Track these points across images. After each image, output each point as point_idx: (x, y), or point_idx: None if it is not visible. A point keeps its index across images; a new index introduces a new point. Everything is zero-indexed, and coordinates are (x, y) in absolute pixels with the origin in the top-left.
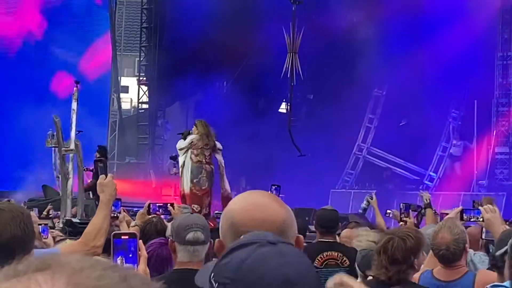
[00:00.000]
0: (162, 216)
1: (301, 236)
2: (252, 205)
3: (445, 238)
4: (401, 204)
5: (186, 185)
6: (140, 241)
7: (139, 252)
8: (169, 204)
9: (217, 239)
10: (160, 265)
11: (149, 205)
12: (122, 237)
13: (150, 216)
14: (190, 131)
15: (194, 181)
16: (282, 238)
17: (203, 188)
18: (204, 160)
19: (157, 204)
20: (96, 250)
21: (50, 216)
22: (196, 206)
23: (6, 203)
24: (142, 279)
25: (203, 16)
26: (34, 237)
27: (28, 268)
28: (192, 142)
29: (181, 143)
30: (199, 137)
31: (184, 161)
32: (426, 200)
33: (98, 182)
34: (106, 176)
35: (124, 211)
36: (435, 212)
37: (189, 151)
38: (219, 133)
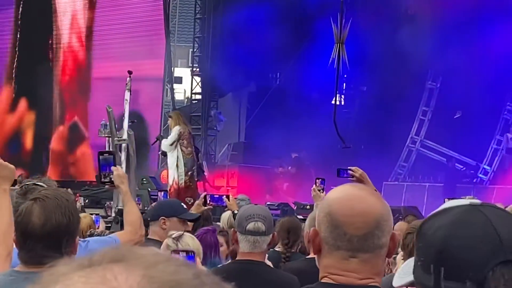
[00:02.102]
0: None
1: (397, 233)
2: (351, 196)
3: None
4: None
5: (181, 178)
6: (198, 258)
7: None
8: (224, 196)
9: (312, 228)
10: (204, 251)
11: (205, 196)
12: (180, 253)
13: (205, 208)
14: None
15: (189, 173)
16: (378, 231)
17: (196, 179)
18: (194, 151)
19: (213, 196)
20: (142, 239)
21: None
22: (188, 198)
23: (50, 190)
24: (214, 278)
25: (254, 7)
26: (79, 223)
27: (103, 258)
28: (180, 132)
29: (169, 139)
30: (179, 126)
31: (176, 155)
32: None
33: (115, 174)
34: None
35: None
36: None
37: (178, 144)
38: (271, 124)
